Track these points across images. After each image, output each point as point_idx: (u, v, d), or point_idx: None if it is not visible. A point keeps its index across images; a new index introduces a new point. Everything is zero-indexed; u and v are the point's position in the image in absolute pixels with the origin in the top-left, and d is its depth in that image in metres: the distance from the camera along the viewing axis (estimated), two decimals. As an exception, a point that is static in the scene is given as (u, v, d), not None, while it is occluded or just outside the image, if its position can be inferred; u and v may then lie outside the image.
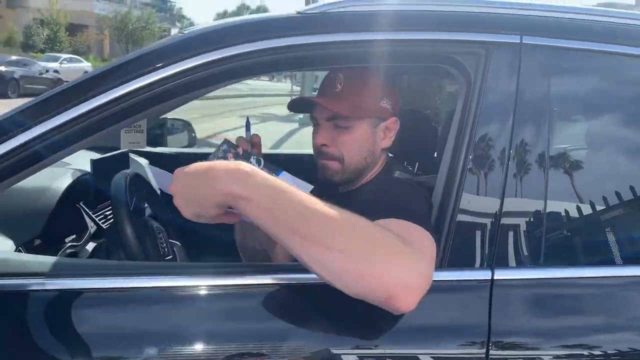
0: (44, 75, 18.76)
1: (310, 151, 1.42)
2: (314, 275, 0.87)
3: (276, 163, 1.22)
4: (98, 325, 0.98)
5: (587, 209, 1.17)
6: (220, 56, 1.07)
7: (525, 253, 1.10)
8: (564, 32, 1.18)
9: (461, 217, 1.08)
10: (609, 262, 1.16)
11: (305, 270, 0.89)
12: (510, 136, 1.11)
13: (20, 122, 1.00)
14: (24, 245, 1.34)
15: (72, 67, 25.17)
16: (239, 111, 14.96)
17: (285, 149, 10.93)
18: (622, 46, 1.18)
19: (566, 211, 1.16)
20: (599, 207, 1.16)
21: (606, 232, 1.17)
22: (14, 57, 19.27)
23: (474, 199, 1.10)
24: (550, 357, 1.04)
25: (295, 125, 14.58)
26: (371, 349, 1.00)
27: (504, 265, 1.08)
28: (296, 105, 1.44)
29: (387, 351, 1.00)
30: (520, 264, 1.10)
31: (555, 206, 1.14)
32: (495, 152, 1.11)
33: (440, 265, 1.06)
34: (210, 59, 1.06)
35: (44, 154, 0.99)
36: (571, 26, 1.20)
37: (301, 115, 15.68)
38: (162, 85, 1.04)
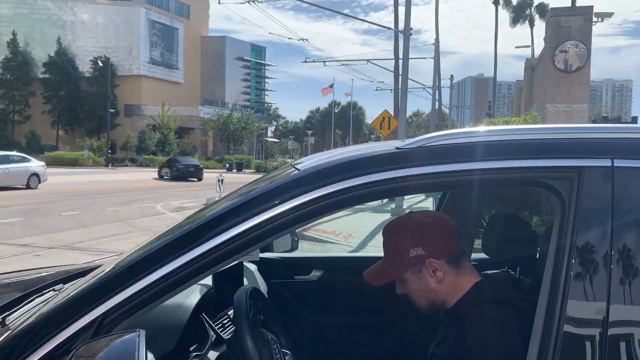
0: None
1: None
2: None
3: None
4: None
5: None
6: (332, 190, 1.22)
7: None
8: None
9: (568, 328, 1.11)
10: None
11: None
12: (610, 255, 1.15)
13: (167, 252, 1.20)
14: (162, 357, 1.51)
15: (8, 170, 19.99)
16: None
17: (379, 239, 10.95)
18: None
19: None
20: None
21: None
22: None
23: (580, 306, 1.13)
24: None
25: (388, 215, 14.66)
26: None
27: None
28: None
29: None
30: None
31: None
32: (595, 265, 1.15)
33: None
34: (323, 193, 1.22)
35: (193, 276, 1.18)
36: None
37: (393, 205, 15.81)
38: (290, 214, 1.21)
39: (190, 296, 1.80)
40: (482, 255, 2.17)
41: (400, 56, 18.33)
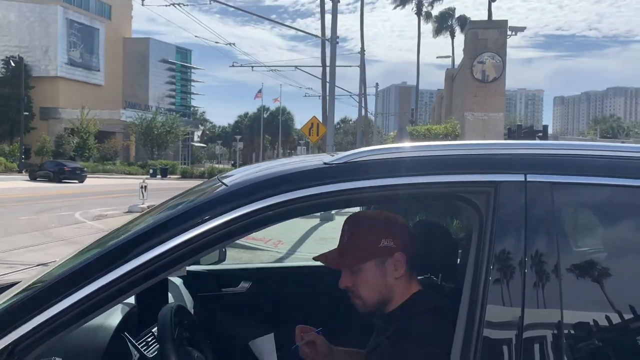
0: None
1: None
2: None
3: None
4: None
5: (603, 316, 1.24)
6: (262, 205, 1.22)
7: None
8: (565, 168, 1.31)
9: (487, 332, 1.17)
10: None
11: None
12: (524, 263, 1.21)
13: (86, 273, 1.14)
14: None
15: None
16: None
17: (309, 245, 11.07)
18: (620, 179, 1.30)
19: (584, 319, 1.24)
20: (615, 318, 1.23)
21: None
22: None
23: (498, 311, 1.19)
24: None
25: (317, 220, 14.75)
26: None
27: None
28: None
29: None
30: None
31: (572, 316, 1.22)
32: (511, 272, 1.21)
33: None
34: (253, 209, 1.21)
35: (116, 297, 1.13)
36: (571, 162, 1.33)
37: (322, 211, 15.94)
38: (219, 230, 1.19)
39: (112, 316, 1.73)
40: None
41: (328, 63, 18.58)
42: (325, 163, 1.32)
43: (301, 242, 11.62)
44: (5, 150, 48.37)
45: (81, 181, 35.44)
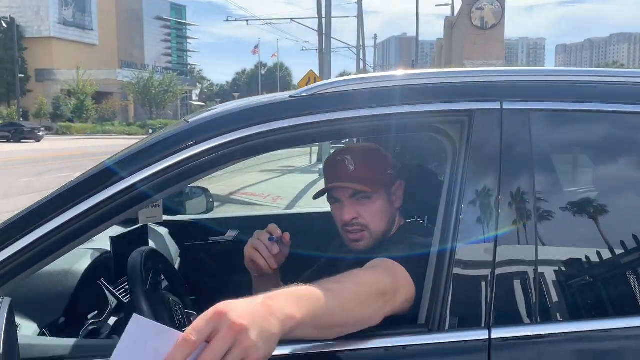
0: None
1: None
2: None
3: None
4: None
5: (579, 252, 1.20)
6: (223, 141, 1.16)
7: (522, 308, 1.13)
8: (543, 94, 1.24)
9: (457, 270, 1.13)
10: (606, 314, 1.19)
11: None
12: (498, 197, 1.16)
13: (48, 209, 1.10)
14: (48, 325, 1.42)
15: None
16: (259, 166, 15.19)
17: (308, 199, 11.08)
18: (601, 104, 1.24)
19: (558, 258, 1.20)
20: (590, 254, 1.20)
21: (599, 282, 1.20)
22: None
23: (468, 250, 1.15)
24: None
25: (316, 175, 14.73)
26: None
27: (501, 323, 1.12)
28: (320, 194, 1.60)
29: None
30: (517, 320, 1.12)
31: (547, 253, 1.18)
32: (484, 206, 1.16)
33: (438, 327, 1.11)
34: (213, 145, 1.16)
35: (71, 238, 1.09)
36: (551, 88, 1.26)
37: (321, 166, 15.81)
38: (176, 168, 1.14)
39: (79, 261, 1.70)
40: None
41: (324, 15, 18.13)
42: (290, 96, 1.26)
43: (300, 196, 11.62)
44: (3, 113, 48.06)
45: (38, 140, 36.80)
